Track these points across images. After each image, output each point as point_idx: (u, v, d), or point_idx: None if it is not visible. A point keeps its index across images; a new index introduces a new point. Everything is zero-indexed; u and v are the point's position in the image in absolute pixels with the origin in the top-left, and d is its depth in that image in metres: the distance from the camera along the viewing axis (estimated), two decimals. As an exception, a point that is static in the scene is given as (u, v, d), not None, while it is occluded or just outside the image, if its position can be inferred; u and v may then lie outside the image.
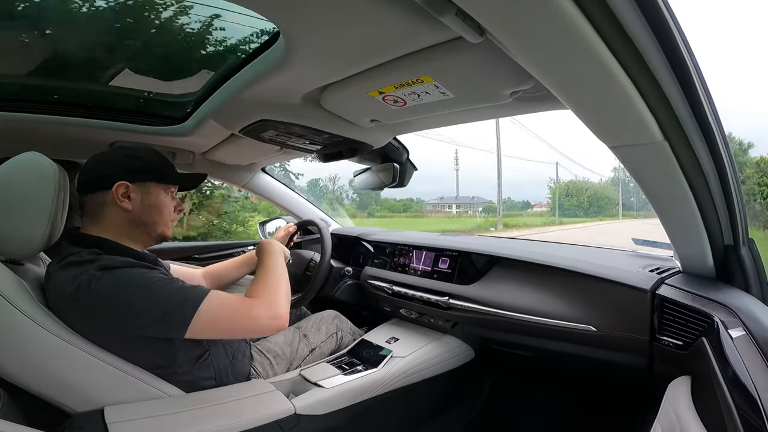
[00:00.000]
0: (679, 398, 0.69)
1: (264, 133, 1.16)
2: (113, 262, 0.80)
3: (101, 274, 0.77)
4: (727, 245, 0.86)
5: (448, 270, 1.39)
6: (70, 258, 0.81)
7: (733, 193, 0.75)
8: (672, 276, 0.99)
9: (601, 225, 28.53)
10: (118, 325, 0.79)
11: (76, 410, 0.78)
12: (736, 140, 27.63)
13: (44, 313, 0.77)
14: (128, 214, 0.89)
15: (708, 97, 0.61)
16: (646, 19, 0.47)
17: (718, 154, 0.68)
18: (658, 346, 0.92)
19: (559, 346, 1.13)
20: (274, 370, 1.13)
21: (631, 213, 41.16)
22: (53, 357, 0.75)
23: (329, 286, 1.60)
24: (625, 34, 0.48)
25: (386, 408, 1.17)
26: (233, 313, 0.85)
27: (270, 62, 0.82)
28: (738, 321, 0.70)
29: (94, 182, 0.88)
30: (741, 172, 22.72)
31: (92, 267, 0.78)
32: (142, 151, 0.94)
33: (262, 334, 1.00)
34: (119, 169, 0.89)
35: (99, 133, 1.29)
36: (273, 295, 0.93)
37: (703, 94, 0.59)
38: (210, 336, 0.89)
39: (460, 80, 0.79)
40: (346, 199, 39.21)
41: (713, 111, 0.63)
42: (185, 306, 0.80)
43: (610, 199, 42.73)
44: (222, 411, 0.87)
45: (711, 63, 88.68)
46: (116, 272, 0.79)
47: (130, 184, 0.88)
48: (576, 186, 44.35)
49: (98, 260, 0.80)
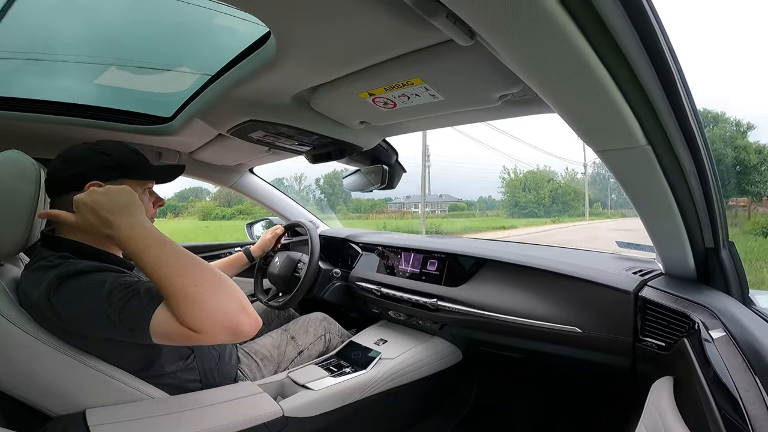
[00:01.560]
0: (661, 399, 0.70)
1: (252, 133, 1.15)
2: (73, 267, 0.73)
3: (59, 283, 0.71)
4: (707, 248, 0.88)
5: (437, 272, 1.40)
6: (41, 262, 0.77)
7: (713, 197, 0.77)
8: (654, 278, 1.01)
9: (550, 230, 23.09)
10: (82, 330, 0.76)
11: (57, 413, 0.76)
12: (732, 121, 24.45)
13: (22, 315, 0.75)
14: None
15: (691, 103, 0.62)
16: (633, 24, 0.48)
17: (699, 158, 0.70)
18: (641, 347, 0.94)
19: (545, 347, 1.15)
20: (262, 373, 1.12)
21: (605, 212, 37.38)
22: (32, 359, 0.74)
23: (317, 287, 1.59)
24: (612, 39, 0.49)
25: (375, 410, 1.17)
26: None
27: (260, 62, 0.81)
28: (719, 322, 0.71)
29: (64, 183, 0.82)
30: (745, 159, 21.13)
31: (52, 275, 0.72)
32: (111, 147, 0.88)
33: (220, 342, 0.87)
34: (89, 166, 0.83)
35: (82, 131, 1.26)
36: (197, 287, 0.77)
37: (686, 99, 0.61)
38: (174, 344, 0.82)
39: (450, 83, 0.80)
40: (312, 198, 37.20)
41: (695, 116, 0.64)
42: (149, 305, 0.69)
43: (578, 194, 36.98)
44: (209, 413, 0.86)
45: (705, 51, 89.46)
46: (73, 280, 0.72)
47: (103, 184, 0.81)
48: (536, 178, 38.22)
49: (65, 265, 0.74)
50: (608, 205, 39.75)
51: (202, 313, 0.66)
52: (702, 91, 79.36)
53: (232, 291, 0.71)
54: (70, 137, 1.26)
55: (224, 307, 0.68)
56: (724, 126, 23.96)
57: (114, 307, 0.68)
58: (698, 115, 0.65)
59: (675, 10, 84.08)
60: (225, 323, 0.67)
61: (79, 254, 0.80)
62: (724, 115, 24.59)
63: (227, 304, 0.68)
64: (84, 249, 0.81)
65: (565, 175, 41.68)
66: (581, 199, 37.08)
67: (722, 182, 10.00)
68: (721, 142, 22.48)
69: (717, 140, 22.36)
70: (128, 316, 0.68)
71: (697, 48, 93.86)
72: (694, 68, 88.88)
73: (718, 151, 20.73)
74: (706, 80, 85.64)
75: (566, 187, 39.34)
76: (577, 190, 38.30)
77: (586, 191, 36.57)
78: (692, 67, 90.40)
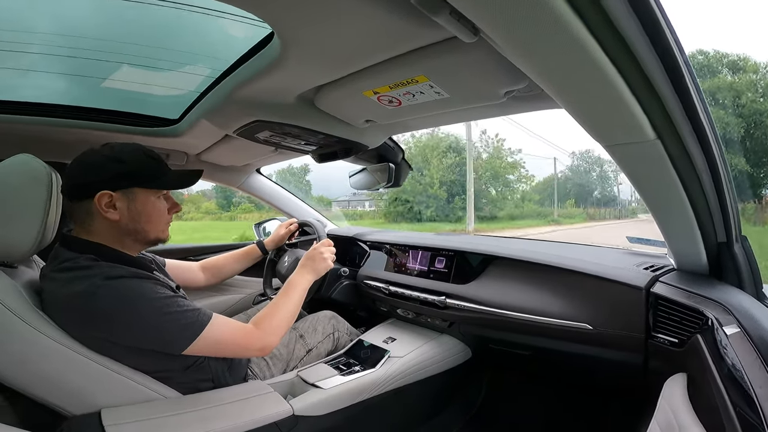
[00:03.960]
0: (675, 396, 0.69)
1: (259, 133, 1.15)
2: (114, 271, 0.79)
3: (104, 284, 0.76)
4: (720, 242, 0.87)
5: (445, 269, 1.40)
6: (66, 263, 0.80)
7: (725, 191, 0.76)
8: (666, 273, 1.00)
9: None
10: (114, 337, 0.79)
11: (73, 413, 0.78)
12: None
13: (39, 317, 0.77)
14: (116, 224, 0.85)
15: (700, 96, 0.61)
16: (639, 18, 0.48)
17: (710, 152, 0.69)
18: (653, 343, 0.92)
19: (555, 345, 1.14)
20: (271, 372, 1.13)
21: (589, 212, 27.35)
22: (48, 360, 0.75)
23: (326, 286, 1.60)
24: (618, 33, 0.48)
25: (384, 408, 1.17)
26: (231, 340, 0.88)
27: (264, 62, 0.82)
28: (732, 318, 0.70)
29: (78, 189, 0.83)
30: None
31: (95, 275, 0.77)
32: (126, 152, 0.86)
33: (246, 357, 1.07)
34: (101, 175, 0.83)
35: (91, 134, 1.28)
36: (274, 328, 0.96)
37: (695, 92, 0.59)
38: (202, 354, 0.90)
39: (455, 80, 0.79)
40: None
41: (705, 109, 0.63)
42: (188, 331, 0.82)
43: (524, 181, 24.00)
44: (220, 413, 0.86)
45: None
46: (119, 284, 0.77)
47: (113, 193, 0.83)
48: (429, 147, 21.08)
49: (97, 267, 0.79)
50: (593, 203, 31.02)
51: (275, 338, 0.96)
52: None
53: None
54: (79, 140, 1.28)
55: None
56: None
57: (170, 319, 0.80)
58: (708, 109, 0.64)
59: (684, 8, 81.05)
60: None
61: (101, 255, 0.82)
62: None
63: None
64: (104, 250, 0.84)
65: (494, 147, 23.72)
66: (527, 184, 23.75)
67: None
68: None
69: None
70: (179, 329, 0.81)
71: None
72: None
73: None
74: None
75: (495, 162, 22.79)
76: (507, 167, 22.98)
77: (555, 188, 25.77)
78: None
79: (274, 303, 1.01)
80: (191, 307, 0.84)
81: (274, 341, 0.95)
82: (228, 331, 0.88)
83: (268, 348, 0.94)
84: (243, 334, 0.91)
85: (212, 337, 0.84)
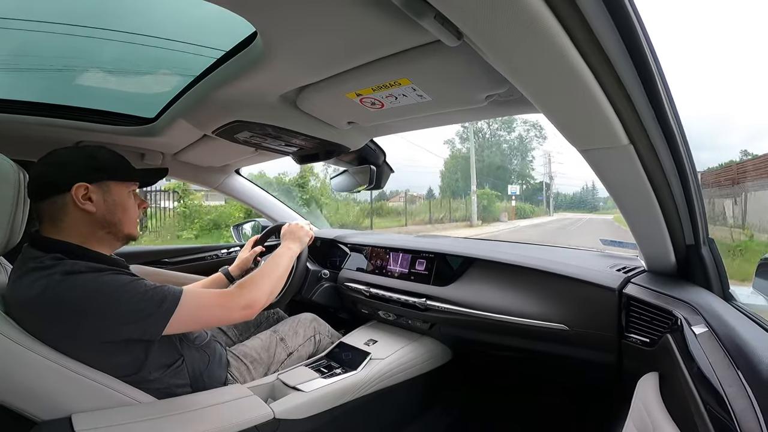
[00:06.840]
0: (648, 394, 0.71)
1: (238, 134, 1.13)
2: (77, 266, 0.77)
3: (64, 279, 0.74)
4: (688, 245, 0.90)
5: (425, 272, 1.41)
6: (31, 263, 0.77)
7: (693, 195, 0.79)
8: (637, 275, 1.03)
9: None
10: (83, 331, 0.76)
11: (42, 418, 0.74)
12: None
13: (3, 320, 0.73)
14: (92, 216, 0.84)
15: (671, 102, 0.64)
16: (616, 26, 0.49)
17: (679, 157, 0.72)
18: (626, 343, 0.95)
19: (533, 345, 1.16)
20: (252, 375, 1.11)
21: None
22: (14, 364, 0.72)
23: (306, 289, 1.58)
24: (596, 39, 0.50)
25: (366, 410, 1.17)
26: (213, 302, 0.87)
27: (246, 62, 0.81)
28: (701, 318, 0.73)
29: (48, 187, 0.82)
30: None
31: (55, 272, 0.75)
32: (94, 149, 0.89)
33: (233, 322, 1.04)
34: (75, 169, 0.83)
35: (63, 132, 1.23)
36: (259, 285, 0.96)
37: (666, 99, 0.62)
38: (185, 330, 0.89)
39: (437, 83, 0.80)
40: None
41: (675, 116, 0.66)
42: (165, 303, 0.80)
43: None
44: (198, 417, 0.84)
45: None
46: (81, 277, 0.75)
47: (89, 185, 0.83)
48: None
49: (60, 265, 0.76)
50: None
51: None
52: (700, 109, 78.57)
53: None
54: (50, 138, 1.23)
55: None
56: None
57: (143, 297, 0.78)
58: (678, 114, 0.66)
59: (666, 22, 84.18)
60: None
61: (69, 254, 0.80)
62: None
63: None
64: (71, 248, 0.82)
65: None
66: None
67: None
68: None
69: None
70: (154, 304, 0.78)
71: (692, 64, 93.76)
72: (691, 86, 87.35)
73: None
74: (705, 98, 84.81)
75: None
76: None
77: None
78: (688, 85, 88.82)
79: (259, 269, 1.01)
80: (159, 285, 0.83)
81: (258, 297, 0.93)
82: (207, 294, 0.88)
83: (254, 306, 0.92)
84: (223, 293, 0.90)
85: (192, 303, 0.83)
